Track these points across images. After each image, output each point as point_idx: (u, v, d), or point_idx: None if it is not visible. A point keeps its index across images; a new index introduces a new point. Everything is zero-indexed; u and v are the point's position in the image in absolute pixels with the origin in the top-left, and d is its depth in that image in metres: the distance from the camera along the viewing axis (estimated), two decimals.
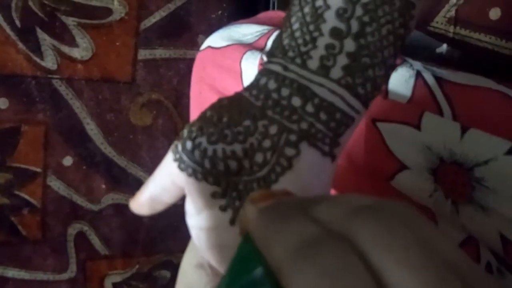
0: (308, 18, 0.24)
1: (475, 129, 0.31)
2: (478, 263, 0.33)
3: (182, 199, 0.27)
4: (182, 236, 0.82)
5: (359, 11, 0.23)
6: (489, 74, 0.34)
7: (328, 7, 0.24)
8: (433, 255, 0.13)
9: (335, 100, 0.24)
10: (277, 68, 0.25)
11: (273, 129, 0.23)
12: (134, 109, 0.76)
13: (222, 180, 0.24)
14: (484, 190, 0.31)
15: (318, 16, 0.24)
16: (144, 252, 0.81)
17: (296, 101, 0.24)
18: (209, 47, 0.53)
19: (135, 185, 0.78)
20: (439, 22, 0.44)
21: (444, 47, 0.44)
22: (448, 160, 0.33)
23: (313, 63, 0.24)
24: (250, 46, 0.48)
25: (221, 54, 0.51)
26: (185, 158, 0.25)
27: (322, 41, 0.24)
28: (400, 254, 0.13)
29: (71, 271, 0.77)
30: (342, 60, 0.23)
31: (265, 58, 0.44)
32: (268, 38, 0.48)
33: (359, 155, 0.37)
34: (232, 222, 0.24)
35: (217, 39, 0.53)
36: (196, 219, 0.25)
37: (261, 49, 0.48)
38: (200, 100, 0.54)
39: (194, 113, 0.57)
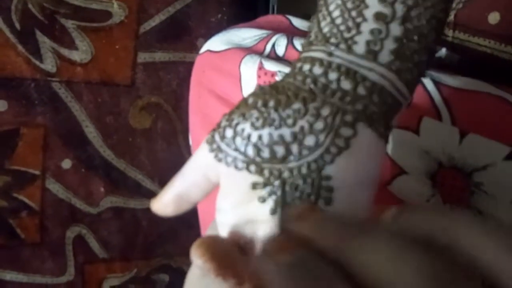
0: (349, 5, 0.24)
1: (474, 134, 0.31)
2: None
3: None
4: (181, 240, 0.81)
5: None
6: (488, 79, 0.34)
7: None
8: None
9: (386, 84, 0.23)
10: (320, 54, 0.24)
11: (325, 111, 0.22)
12: (134, 112, 0.76)
13: (266, 168, 0.23)
14: (483, 195, 0.31)
15: (360, 2, 0.23)
16: (142, 255, 0.81)
17: (346, 84, 0.23)
18: (208, 50, 0.53)
19: (134, 188, 0.78)
20: None
21: (443, 51, 0.44)
22: (447, 165, 0.33)
23: (359, 48, 0.23)
24: (249, 50, 0.48)
25: (220, 57, 0.51)
26: (224, 147, 0.24)
27: (367, 27, 0.23)
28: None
29: (70, 274, 0.77)
30: (390, 44, 0.23)
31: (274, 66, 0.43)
32: (267, 42, 0.48)
33: None
34: (273, 212, 0.23)
35: (216, 42, 0.53)
36: (231, 215, 0.24)
37: (260, 53, 0.47)
38: (199, 103, 0.54)
39: (193, 117, 0.56)
